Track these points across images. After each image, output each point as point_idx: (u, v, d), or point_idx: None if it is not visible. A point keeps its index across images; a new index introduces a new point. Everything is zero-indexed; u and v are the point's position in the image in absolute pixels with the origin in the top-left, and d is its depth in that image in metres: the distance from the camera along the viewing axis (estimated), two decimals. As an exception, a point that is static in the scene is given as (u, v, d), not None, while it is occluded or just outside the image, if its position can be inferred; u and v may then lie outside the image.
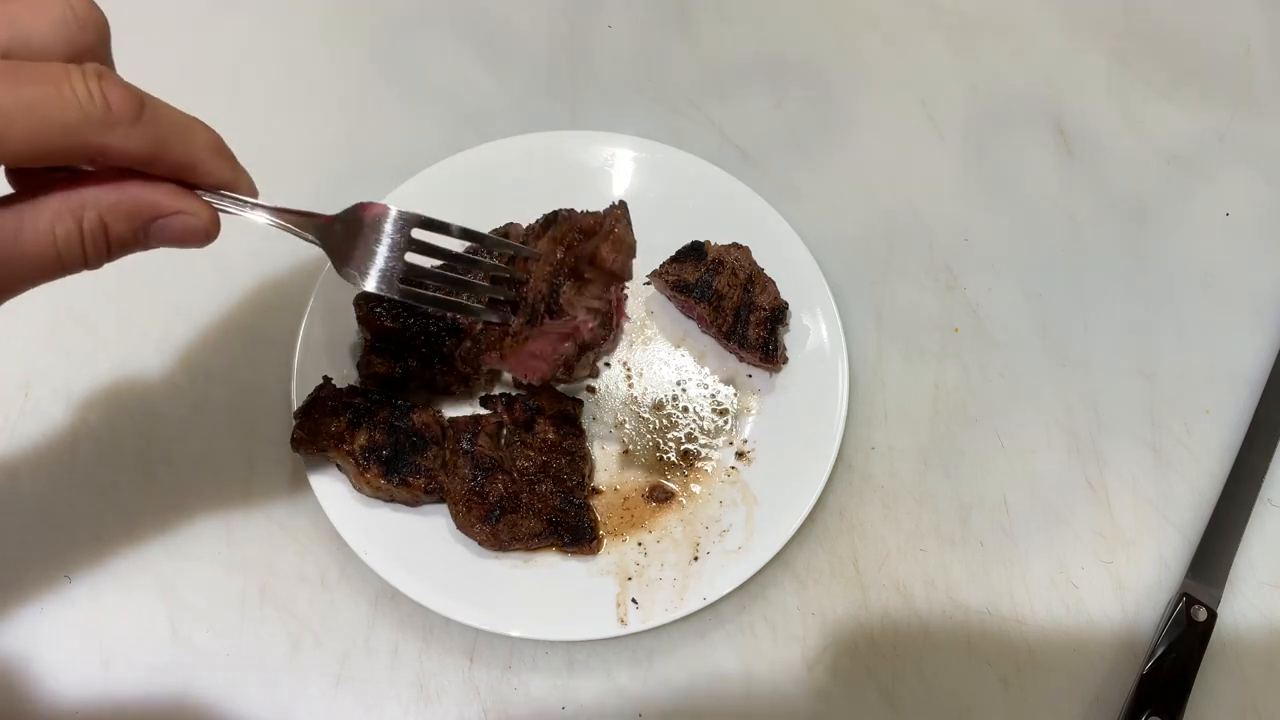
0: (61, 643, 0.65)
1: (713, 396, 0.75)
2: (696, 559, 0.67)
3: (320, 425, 0.65)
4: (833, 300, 0.75)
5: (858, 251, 0.83)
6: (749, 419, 0.73)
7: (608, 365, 0.76)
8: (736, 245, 0.76)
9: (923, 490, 0.74)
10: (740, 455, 0.72)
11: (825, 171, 0.87)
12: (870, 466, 0.74)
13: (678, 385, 0.75)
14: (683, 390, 0.75)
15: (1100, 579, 0.72)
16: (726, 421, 0.73)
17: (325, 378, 0.68)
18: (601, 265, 0.61)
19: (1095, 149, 0.90)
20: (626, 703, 0.66)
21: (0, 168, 0.41)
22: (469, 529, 0.65)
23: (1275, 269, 0.85)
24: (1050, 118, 0.92)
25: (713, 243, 0.76)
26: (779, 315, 0.73)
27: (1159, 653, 0.66)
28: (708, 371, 0.76)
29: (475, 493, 0.65)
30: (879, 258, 0.83)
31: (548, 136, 0.81)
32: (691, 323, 0.78)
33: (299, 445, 0.65)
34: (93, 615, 0.66)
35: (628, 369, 0.76)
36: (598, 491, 0.71)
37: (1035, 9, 0.97)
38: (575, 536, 0.66)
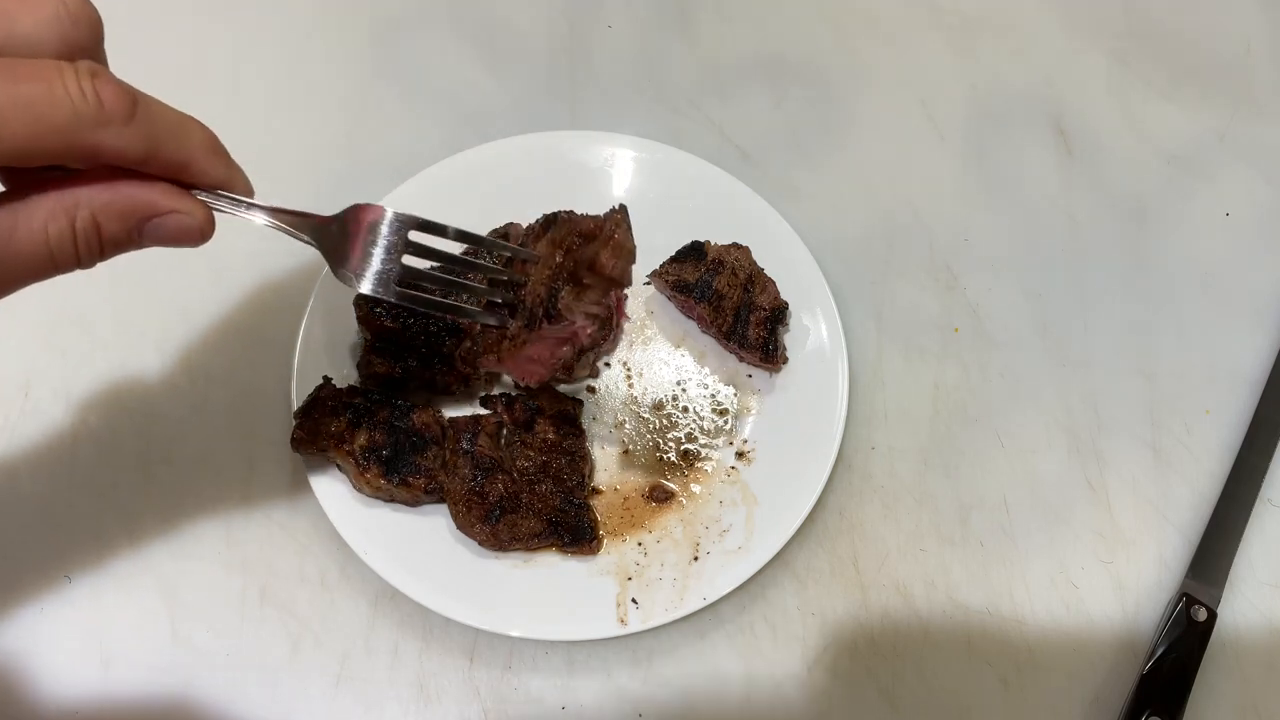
0: (61, 643, 0.65)
1: (713, 396, 0.75)
2: (696, 559, 0.67)
3: (320, 425, 0.65)
4: (833, 300, 0.75)
5: (858, 251, 0.83)
6: (749, 419, 0.73)
7: (608, 365, 0.76)
8: (736, 245, 0.76)
9: (923, 490, 0.74)
10: (740, 455, 0.72)
11: (825, 171, 0.87)
12: (870, 466, 0.74)
13: (678, 385, 0.75)
14: (683, 390, 0.75)
15: (1100, 579, 0.72)
16: (726, 421, 0.73)
17: (325, 378, 0.68)
18: (601, 271, 0.61)
19: (1095, 149, 0.90)
20: (626, 703, 0.66)
21: None
22: (469, 529, 0.65)
23: (1275, 269, 0.85)
24: (1050, 118, 0.92)
25: (713, 243, 0.76)
26: (779, 315, 0.73)
27: (1159, 653, 0.66)
28: (708, 371, 0.76)
29: (475, 493, 0.65)
30: (879, 258, 0.83)
31: (548, 136, 0.81)
32: (691, 323, 0.78)
33: (299, 445, 0.65)
34: (93, 615, 0.66)
35: (628, 369, 0.76)
36: (598, 491, 0.71)
37: (1035, 9, 0.97)
38: (575, 536, 0.66)
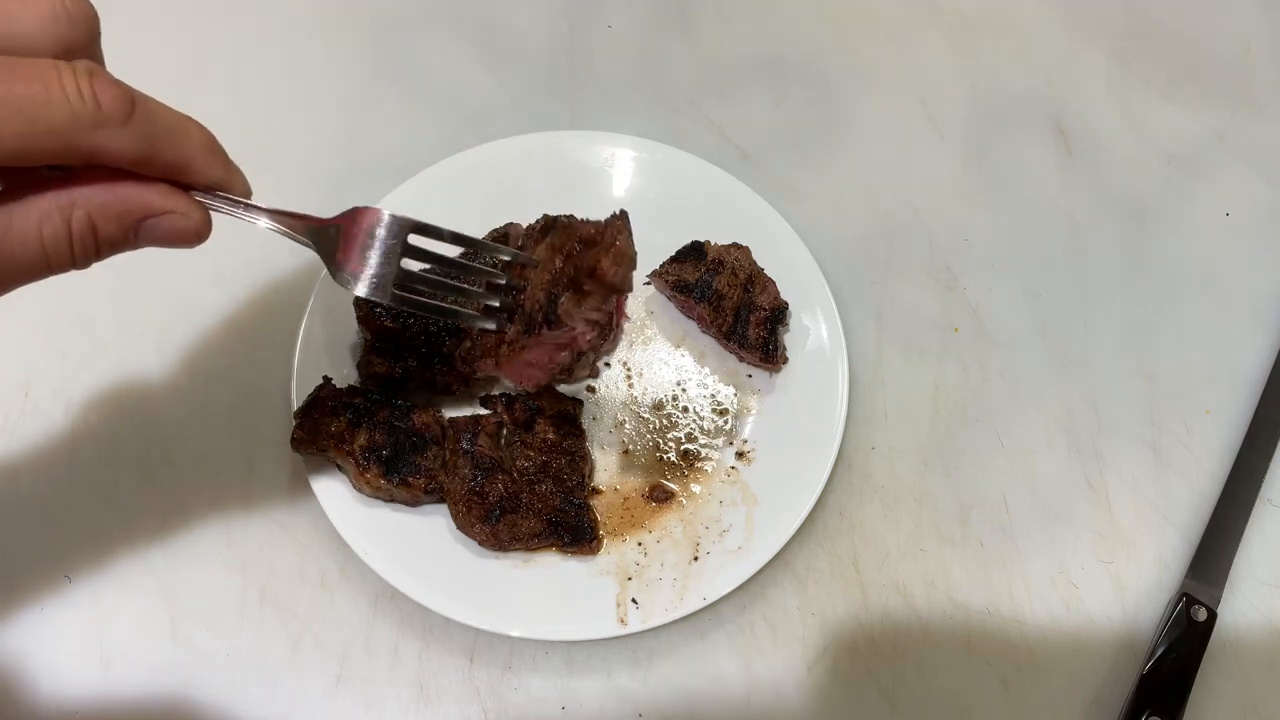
0: (61, 643, 0.65)
1: (713, 396, 0.75)
2: (696, 559, 0.67)
3: (320, 425, 0.65)
4: (833, 300, 0.75)
5: (858, 251, 0.83)
6: (749, 419, 0.73)
7: (608, 365, 0.76)
8: (736, 245, 0.76)
9: (923, 490, 0.74)
10: (740, 455, 0.72)
11: (825, 171, 0.87)
12: (870, 466, 0.74)
13: (678, 385, 0.75)
14: (683, 390, 0.75)
15: (1100, 579, 0.72)
16: (726, 421, 0.73)
17: (325, 378, 0.68)
18: (602, 279, 0.60)
19: (1095, 149, 0.90)
20: (626, 703, 0.66)
21: None
22: (469, 529, 0.65)
23: (1275, 269, 0.85)
24: (1050, 118, 0.92)
25: (713, 243, 0.76)
26: (779, 315, 0.73)
27: (1159, 653, 0.66)
28: (708, 371, 0.76)
29: (475, 493, 0.65)
30: (879, 258, 0.83)
31: (548, 136, 0.81)
32: (691, 323, 0.77)
33: (299, 445, 0.65)
34: (93, 615, 0.66)
35: (628, 369, 0.76)
36: (598, 491, 0.71)
37: (1035, 9, 0.97)
38: (575, 536, 0.66)
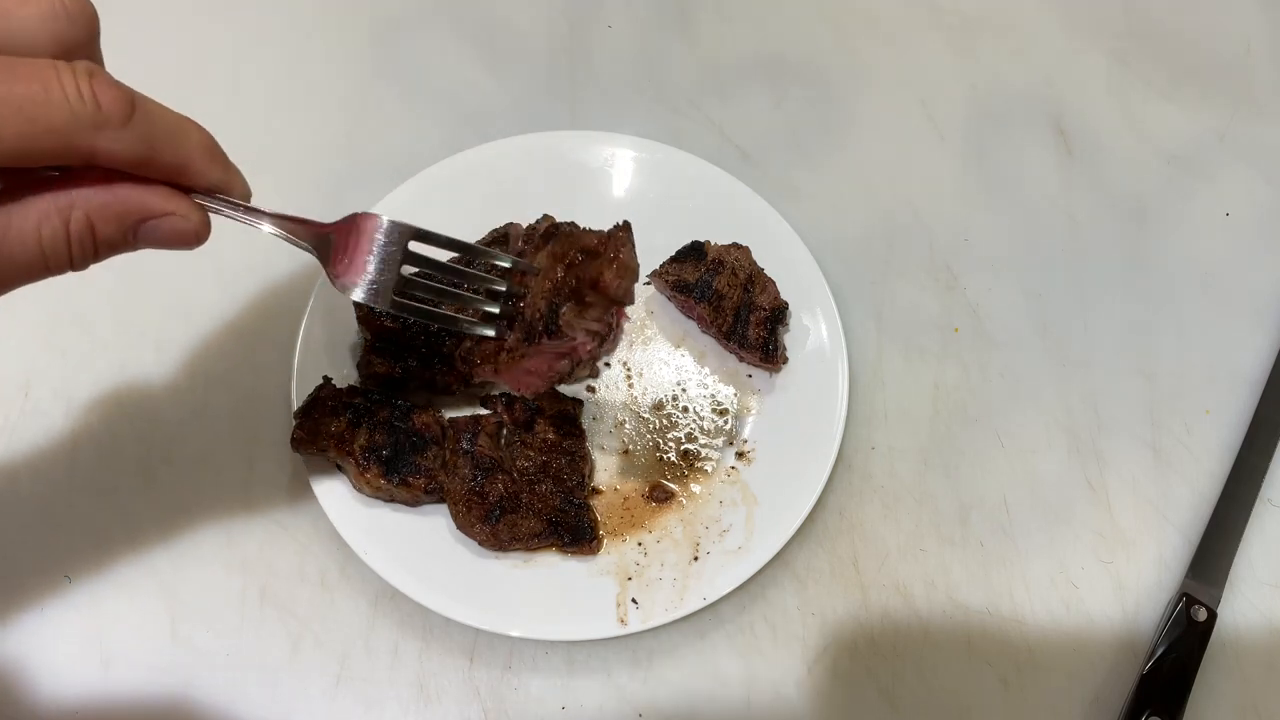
0: (62, 643, 0.65)
1: (713, 396, 0.75)
2: (696, 559, 0.67)
3: (320, 425, 0.65)
4: (833, 300, 0.75)
5: (858, 251, 0.83)
6: (749, 419, 0.73)
7: (608, 365, 0.76)
8: (736, 245, 0.76)
9: (923, 490, 0.74)
10: (740, 455, 0.72)
11: (825, 171, 0.87)
12: (870, 466, 0.74)
13: (678, 385, 0.75)
14: (683, 390, 0.75)
15: (1100, 579, 0.72)
16: (726, 421, 0.73)
17: (325, 378, 0.68)
18: (604, 291, 0.60)
19: (1095, 149, 0.90)
20: (626, 703, 0.66)
21: None
22: (469, 529, 0.65)
23: (1275, 269, 0.85)
24: (1050, 118, 0.92)
25: (713, 243, 0.76)
26: (779, 315, 0.73)
27: (1159, 653, 0.66)
28: (708, 371, 0.76)
29: (475, 493, 0.65)
30: (879, 258, 0.83)
31: (548, 136, 0.81)
32: (691, 323, 0.77)
33: (299, 445, 0.65)
34: (93, 616, 0.66)
35: (628, 369, 0.76)
36: (598, 491, 0.71)
37: (1035, 9, 0.97)
38: (575, 536, 0.66)
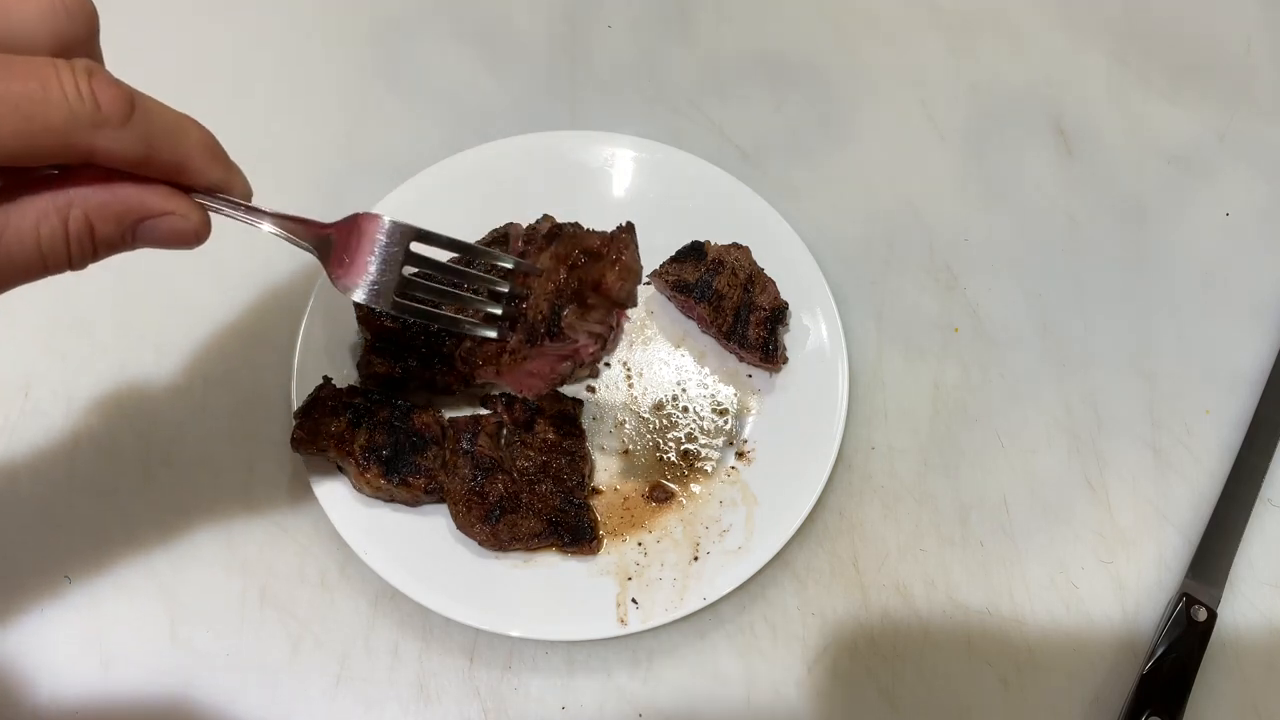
0: (61, 644, 0.65)
1: (713, 396, 0.75)
2: (696, 559, 0.67)
3: (320, 425, 0.65)
4: (833, 300, 0.75)
5: (858, 251, 0.83)
6: (749, 419, 0.73)
7: (608, 365, 0.76)
8: (736, 245, 0.76)
9: (923, 490, 0.74)
10: (740, 455, 0.72)
11: (825, 171, 0.87)
12: (870, 466, 0.74)
13: (678, 385, 0.75)
14: (683, 390, 0.75)
15: (1100, 579, 0.72)
16: (726, 421, 0.73)
17: (325, 378, 0.68)
18: (607, 294, 0.60)
19: (1095, 149, 0.90)
20: (626, 703, 0.66)
21: None
22: (469, 529, 0.65)
23: (1275, 269, 0.85)
24: (1050, 118, 0.92)
25: (713, 243, 0.76)
26: (779, 315, 0.73)
27: (1159, 653, 0.66)
28: (708, 371, 0.76)
29: (475, 493, 0.65)
30: (879, 258, 0.83)
31: (548, 136, 0.81)
32: (691, 323, 0.77)
33: (299, 445, 0.65)
34: (93, 617, 0.66)
35: (628, 369, 0.76)
36: (598, 491, 0.71)
37: (1035, 9, 0.97)
38: (575, 536, 0.66)
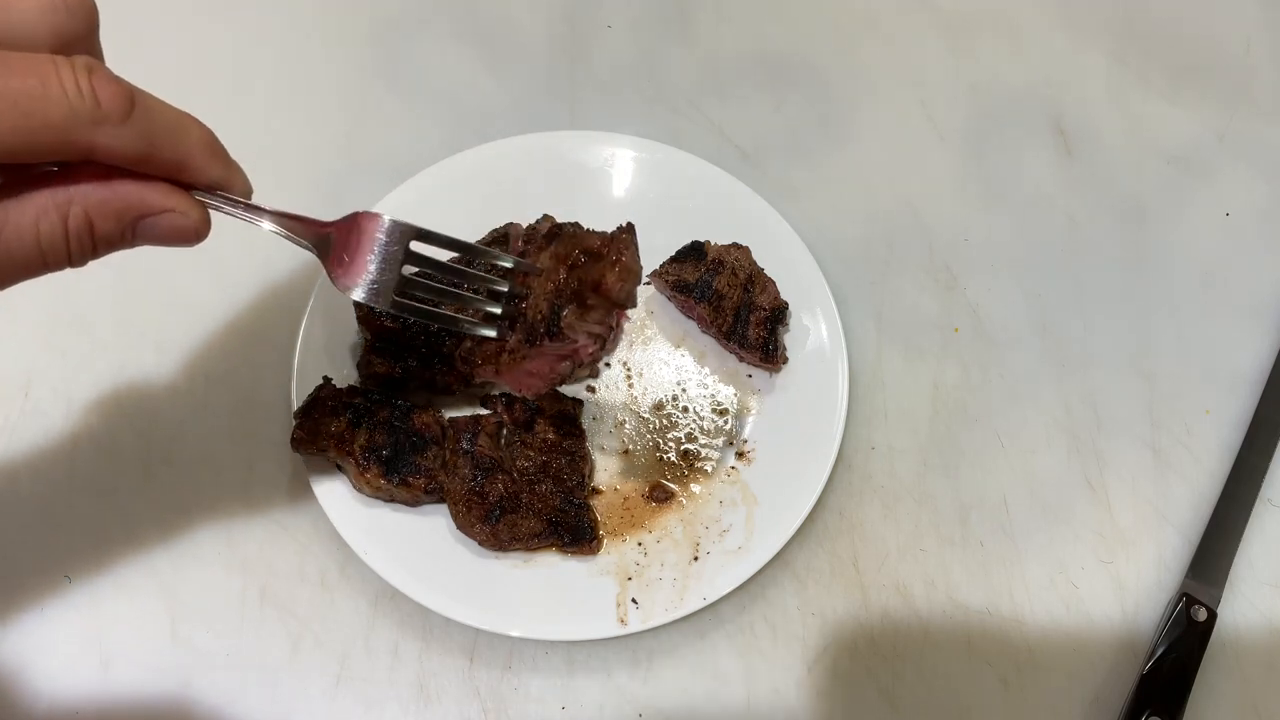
0: (62, 643, 0.65)
1: (713, 396, 0.75)
2: (696, 559, 0.67)
3: (320, 425, 0.65)
4: (833, 300, 0.75)
5: (858, 251, 0.83)
6: (749, 419, 0.73)
7: (608, 365, 0.76)
8: (736, 245, 0.76)
9: (923, 490, 0.74)
10: (740, 455, 0.72)
11: (825, 171, 0.87)
12: (870, 466, 0.74)
13: (678, 385, 0.75)
14: (683, 390, 0.75)
15: (1100, 579, 0.72)
16: (726, 421, 0.73)
17: (325, 378, 0.68)
18: (607, 294, 0.60)
19: (1095, 149, 0.90)
20: (626, 703, 0.66)
21: None
22: (469, 529, 0.65)
23: (1275, 269, 0.85)
24: (1050, 118, 0.92)
25: (713, 243, 0.76)
26: (779, 315, 0.73)
27: (1159, 653, 0.66)
28: (708, 371, 0.76)
29: (475, 493, 0.65)
30: (879, 258, 0.83)
31: (548, 136, 0.81)
32: (691, 323, 0.77)
33: (299, 445, 0.65)
34: (93, 616, 0.66)
35: (628, 369, 0.76)
36: (598, 491, 0.71)
37: (1035, 9, 0.97)
38: (575, 536, 0.66)
